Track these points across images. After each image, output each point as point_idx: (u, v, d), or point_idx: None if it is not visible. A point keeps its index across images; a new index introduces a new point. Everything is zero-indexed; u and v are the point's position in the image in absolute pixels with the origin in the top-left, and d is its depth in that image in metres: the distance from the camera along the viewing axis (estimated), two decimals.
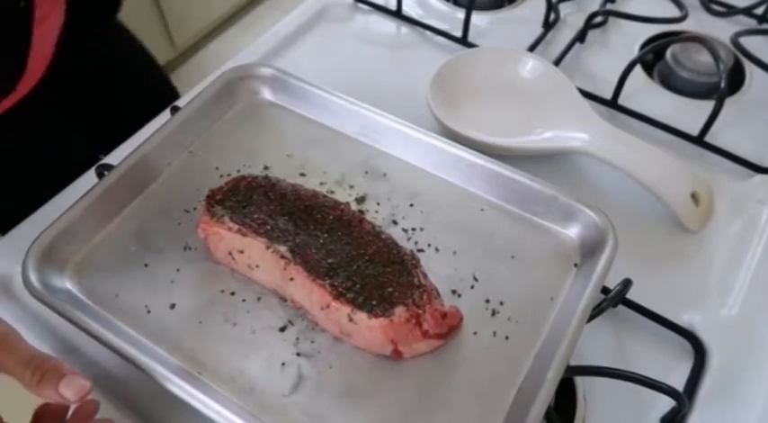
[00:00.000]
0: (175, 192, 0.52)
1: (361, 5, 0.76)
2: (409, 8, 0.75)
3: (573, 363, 0.46)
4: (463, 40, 0.70)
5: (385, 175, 0.53)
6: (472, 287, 0.47)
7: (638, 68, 0.67)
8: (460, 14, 0.71)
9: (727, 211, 0.57)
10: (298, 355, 0.44)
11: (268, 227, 0.45)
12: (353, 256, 0.44)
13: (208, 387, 0.41)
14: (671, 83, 0.68)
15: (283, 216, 0.46)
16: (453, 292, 0.47)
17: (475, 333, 0.45)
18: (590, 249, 0.47)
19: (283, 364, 0.43)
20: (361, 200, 0.52)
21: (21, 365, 0.35)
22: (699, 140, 0.61)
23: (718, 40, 0.68)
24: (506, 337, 0.44)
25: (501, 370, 0.43)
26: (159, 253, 0.49)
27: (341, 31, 0.73)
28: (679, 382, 0.46)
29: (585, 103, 0.59)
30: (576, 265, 0.48)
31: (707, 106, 0.60)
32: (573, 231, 0.49)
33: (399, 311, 0.41)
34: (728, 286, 0.52)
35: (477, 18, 0.74)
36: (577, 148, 0.56)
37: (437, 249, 0.49)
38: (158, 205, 0.51)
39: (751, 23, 0.75)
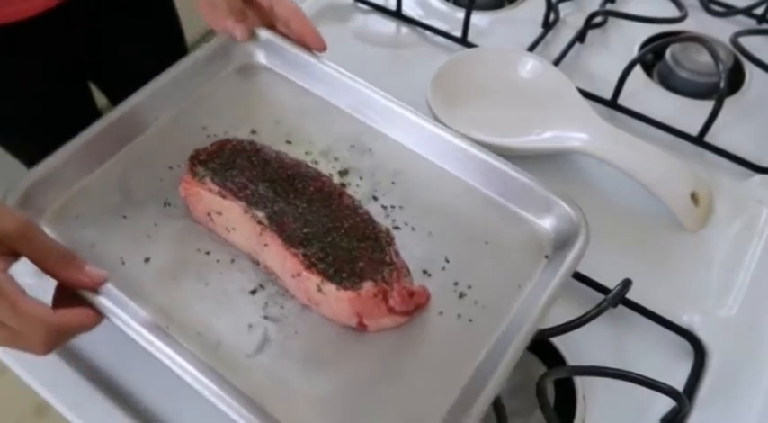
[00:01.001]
0: (160, 147, 0.52)
1: (360, 5, 0.76)
2: (409, 8, 0.75)
3: (573, 363, 0.47)
4: (463, 40, 0.70)
5: (371, 150, 0.53)
6: (443, 268, 0.47)
7: (637, 68, 0.67)
8: (460, 14, 0.71)
9: (726, 211, 0.57)
10: (265, 318, 0.44)
11: (248, 191, 0.45)
12: (329, 228, 0.44)
13: (173, 340, 0.41)
14: (671, 83, 0.68)
15: (264, 182, 0.46)
16: (424, 271, 0.47)
17: (440, 313, 0.45)
18: (562, 242, 0.48)
19: (250, 325, 0.44)
20: (344, 173, 0.52)
21: (47, 252, 0.38)
22: (699, 140, 0.61)
23: (717, 40, 0.68)
24: (470, 320, 0.45)
25: (461, 350, 0.43)
26: (139, 206, 0.48)
27: (341, 30, 0.73)
28: (679, 382, 0.46)
29: (585, 103, 0.59)
30: (546, 256, 0.48)
31: (707, 106, 0.60)
32: (548, 223, 0.49)
33: (367, 286, 0.41)
34: (728, 286, 0.52)
35: (477, 18, 0.74)
36: (577, 148, 0.56)
37: (413, 229, 0.49)
38: (142, 159, 0.51)
39: (750, 23, 0.75)
